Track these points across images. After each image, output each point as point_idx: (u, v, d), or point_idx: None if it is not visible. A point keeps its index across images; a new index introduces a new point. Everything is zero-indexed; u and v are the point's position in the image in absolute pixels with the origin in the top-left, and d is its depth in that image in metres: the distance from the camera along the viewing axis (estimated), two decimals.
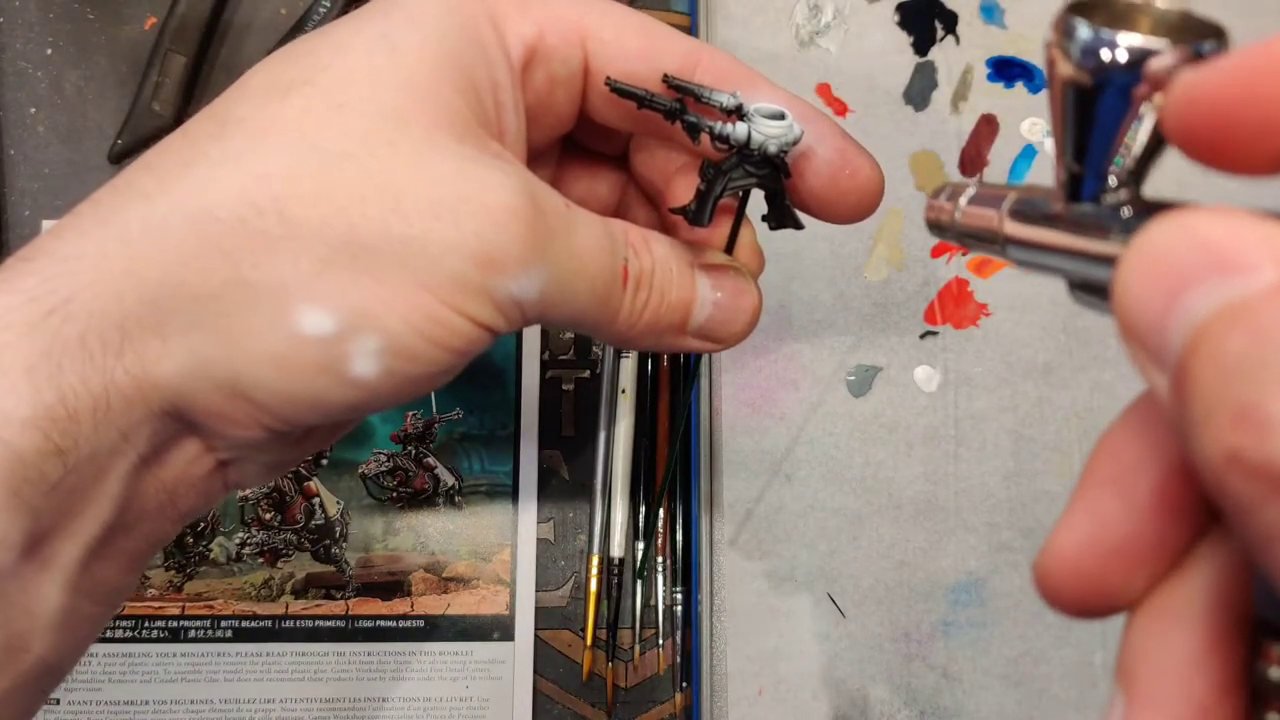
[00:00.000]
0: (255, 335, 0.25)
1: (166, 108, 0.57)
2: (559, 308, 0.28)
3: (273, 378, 0.25)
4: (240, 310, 0.25)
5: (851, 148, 0.32)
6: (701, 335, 0.32)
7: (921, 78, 0.59)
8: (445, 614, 0.55)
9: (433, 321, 0.25)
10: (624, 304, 0.29)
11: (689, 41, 0.31)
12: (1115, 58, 0.20)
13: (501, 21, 0.29)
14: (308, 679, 0.54)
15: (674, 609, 0.55)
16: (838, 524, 0.55)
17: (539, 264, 0.26)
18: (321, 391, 0.25)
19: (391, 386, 0.26)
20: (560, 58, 0.30)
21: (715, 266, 0.32)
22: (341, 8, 0.58)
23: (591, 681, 0.55)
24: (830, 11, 0.59)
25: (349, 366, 0.25)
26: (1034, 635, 0.54)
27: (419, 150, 0.26)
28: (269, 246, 0.25)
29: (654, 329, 0.31)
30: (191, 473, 0.28)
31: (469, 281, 0.25)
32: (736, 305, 0.32)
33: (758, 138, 0.30)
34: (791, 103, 0.31)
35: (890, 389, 0.56)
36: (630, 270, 0.29)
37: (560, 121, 0.32)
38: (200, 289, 0.25)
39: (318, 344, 0.25)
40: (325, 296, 0.25)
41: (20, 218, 0.57)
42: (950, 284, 0.57)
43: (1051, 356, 0.57)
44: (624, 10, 0.31)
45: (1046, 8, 0.59)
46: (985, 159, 0.58)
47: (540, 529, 0.56)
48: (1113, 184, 0.22)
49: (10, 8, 0.58)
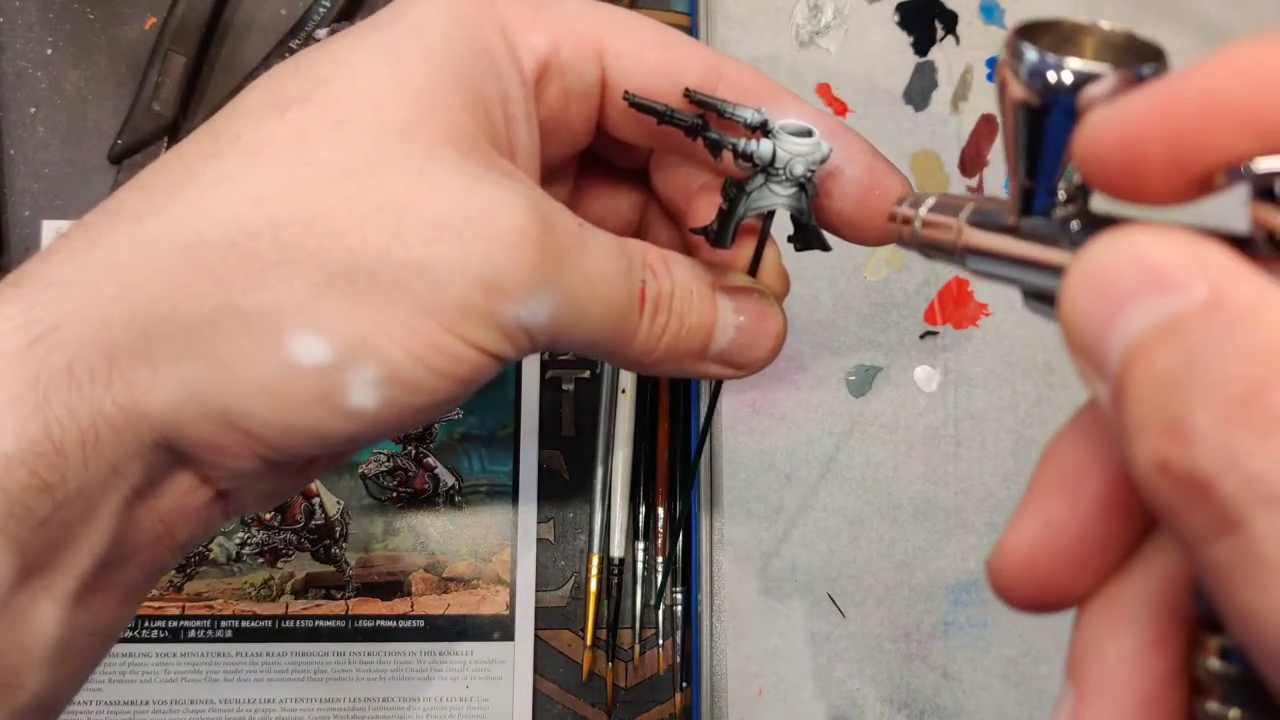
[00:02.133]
0: (248, 364, 0.24)
1: (166, 108, 0.57)
2: (571, 332, 0.27)
3: (267, 408, 0.24)
4: (233, 338, 0.24)
5: (882, 166, 0.31)
6: (723, 361, 0.31)
7: (921, 78, 0.59)
8: (445, 614, 0.55)
9: (435, 350, 0.24)
10: (641, 328, 0.28)
11: (710, 54, 0.30)
12: (1060, 80, 0.21)
13: (513, 33, 0.28)
14: (308, 679, 0.54)
15: (674, 609, 0.55)
16: (838, 524, 0.55)
17: (549, 288, 0.25)
18: (318, 422, 0.24)
19: (392, 416, 0.25)
20: (575, 71, 0.29)
21: (738, 289, 0.31)
22: (342, 8, 0.58)
23: (591, 681, 0.55)
24: (830, 11, 0.59)
25: (346, 397, 0.24)
26: (1034, 635, 0.54)
27: (422, 168, 0.25)
28: (263, 271, 0.24)
29: (673, 354, 0.29)
30: (188, 504, 0.27)
31: (474, 307, 0.24)
32: (760, 329, 0.31)
33: (783, 156, 0.29)
34: (818, 119, 0.30)
35: (890, 389, 0.56)
36: (648, 293, 0.28)
37: (577, 137, 0.31)
38: (192, 316, 0.24)
39: (314, 373, 0.24)
40: (321, 323, 0.24)
41: (20, 218, 0.57)
42: (950, 284, 0.57)
43: (1051, 356, 0.57)
44: (642, 22, 0.30)
45: (1047, 7, 0.59)
46: (985, 159, 0.58)
47: (540, 529, 0.56)
48: (1062, 198, 0.23)
49: (10, 8, 0.58)
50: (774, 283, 0.32)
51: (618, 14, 0.30)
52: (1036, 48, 0.21)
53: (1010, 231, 0.24)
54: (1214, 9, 0.59)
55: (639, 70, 0.29)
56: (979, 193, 0.58)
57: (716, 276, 0.31)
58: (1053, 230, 0.23)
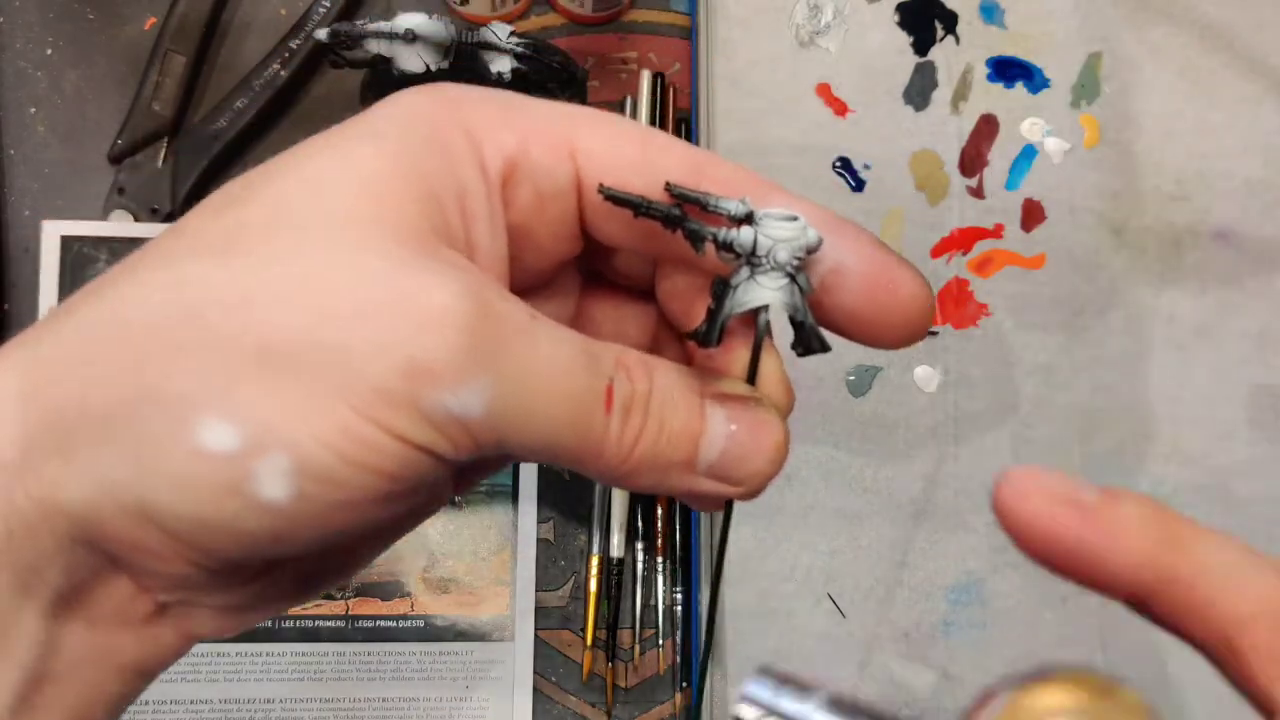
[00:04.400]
0: (159, 452, 0.22)
1: (166, 107, 0.57)
2: (521, 431, 0.25)
3: (178, 500, 0.23)
4: (145, 424, 0.22)
5: (890, 259, 0.28)
6: (715, 475, 0.28)
7: (921, 78, 0.59)
8: (445, 614, 0.55)
9: (350, 438, 0.22)
10: (610, 431, 0.26)
11: (693, 152, 0.29)
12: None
13: (479, 133, 0.27)
14: (307, 679, 0.54)
15: (674, 610, 0.55)
16: (838, 524, 0.55)
17: (482, 376, 0.23)
18: (232, 517, 0.23)
19: (313, 514, 0.23)
20: (546, 171, 0.28)
21: (732, 397, 0.28)
22: (341, 8, 0.58)
23: (591, 681, 0.55)
24: (830, 11, 0.59)
25: (256, 488, 0.22)
26: (1034, 636, 0.54)
27: (352, 253, 0.23)
28: (180, 355, 0.23)
29: (654, 464, 0.27)
30: (127, 616, 0.26)
31: (394, 393, 0.22)
32: (755, 440, 0.28)
33: (765, 242, 0.27)
34: (814, 210, 0.28)
35: (890, 389, 0.56)
36: (617, 392, 0.26)
37: (560, 243, 0.29)
38: (107, 404, 0.23)
39: (222, 461, 0.22)
40: (232, 408, 0.22)
41: (20, 217, 0.57)
42: (950, 283, 0.57)
43: (1051, 357, 0.57)
44: (620, 120, 0.29)
45: (1047, 7, 0.59)
46: (985, 159, 0.58)
47: (540, 529, 0.56)
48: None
49: (10, 8, 0.58)
50: (775, 393, 0.29)
51: (594, 114, 0.29)
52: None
53: None
54: (1214, 9, 0.59)
55: (615, 167, 0.28)
56: (979, 193, 0.58)
57: (709, 384, 0.28)
58: None
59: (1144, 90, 0.59)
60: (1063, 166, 0.58)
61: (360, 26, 0.54)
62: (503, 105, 0.28)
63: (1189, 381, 0.57)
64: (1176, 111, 0.59)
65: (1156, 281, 0.57)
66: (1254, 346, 0.57)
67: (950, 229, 0.58)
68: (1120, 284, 0.57)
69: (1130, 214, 0.58)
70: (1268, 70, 0.59)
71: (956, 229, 0.58)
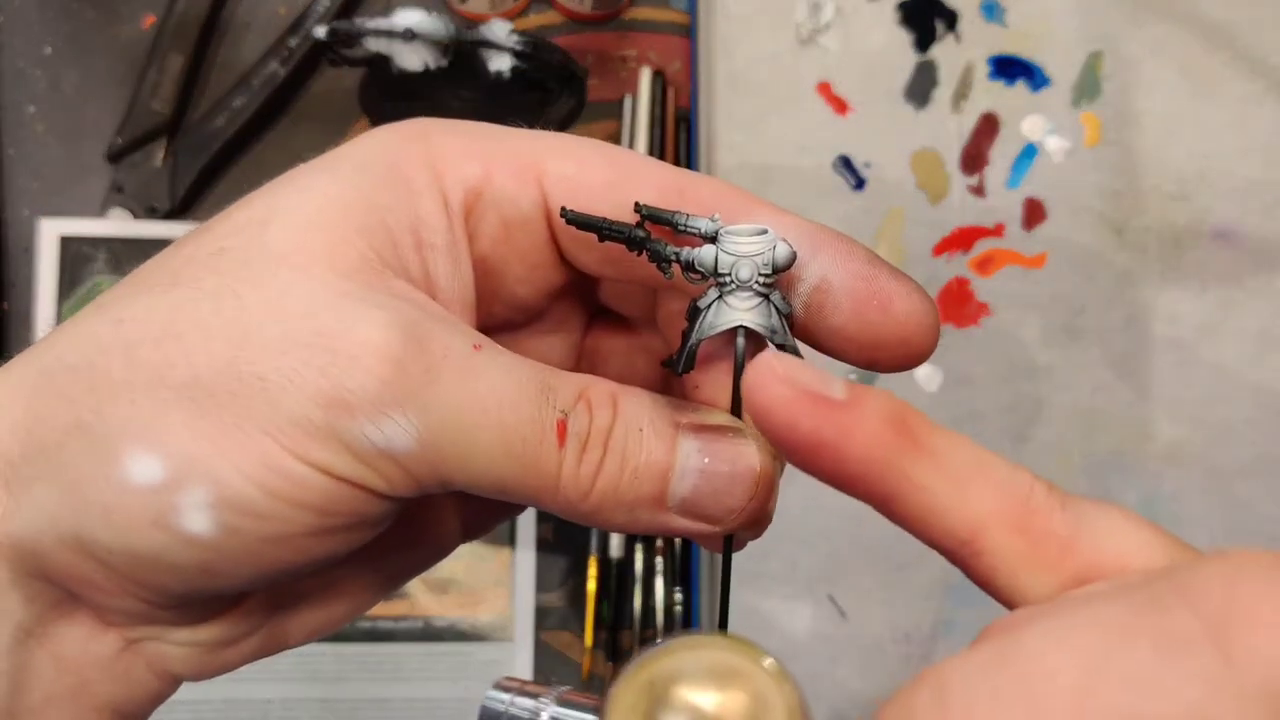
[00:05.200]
0: (90, 485, 0.23)
1: (165, 106, 0.57)
2: (462, 468, 0.24)
3: (108, 533, 0.23)
4: (79, 458, 0.23)
5: (879, 273, 0.26)
6: (688, 512, 0.26)
7: (922, 76, 0.59)
8: (445, 614, 0.55)
9: (272, 470, 0.22)
10: (565, 467, 0.24)
11: (670, 172, 0.27)
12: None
13: (442, 165, 0.26)
14: (307, 679, 0.54)
15: (674, 610, 0.55)
16: (838, 524, 0.55)
17: (409, 409, 0.23)
18: (160, 549, 0.23)
19: (242, 548, 0.23)
20: (509, 198, 0.27)
21: (709, 428, 0.26)
22: (340, 7, 0.58)
23: (591, 682, 0.55)
24: (831, 10, 0.59)
25: (180, 520, 0.22)
26: None
27: (288, 287, 0.23)
28: (111, 389, 0.23)
29: (618, 501, 0.25)
30: (95, 651, 0.26)
31: (314, 425, 0.22)
32: (730, 474, 0.25)
33: (726, 259, 0.25)
34: (798, 225, 0.26)
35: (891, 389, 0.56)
36: (571, 426, 0.24)
37: (537, 272, 0.28)
38: (45, 439, 0.23)
39: (147, 494, 0.22)
40: (154, 440, 0.22)
41: (19, 216, 0.57)
42: (951, 283, 0.57)
43: (1053, 357, 0.57)
44: (593, 144, 0.27)
45: (1048, 6, 0.59)
46: (986, 158, 0.58)
47: (540, 529, 0.56)
48: None
49: (10, 7, 0.58)
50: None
51: (566, 140, 0.28)
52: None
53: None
54: (1214, 9, 0.59)
55: (583, 189, 0.27)
56: (980, 192, 0.58)
57: (685, 414, 0.26)
58: None
59: (1144, 90, 0.59)
60: (1064, 165, 0.58)
61: (359, 24, 0.54)
62: (470, 135, 0.27)
63: (1189, 381, 0.57)
64: (1177, 111, 0.59)
65: (1157, 281, 0.57)
66: (1254, 346, 0.57)
67: (951, 228, 0.57)
68: (1121, 283, 0.57)
69: (1131, 213, 0.58)
70: (1268, 70, 0.59)
71: (957, 228, 0.57)
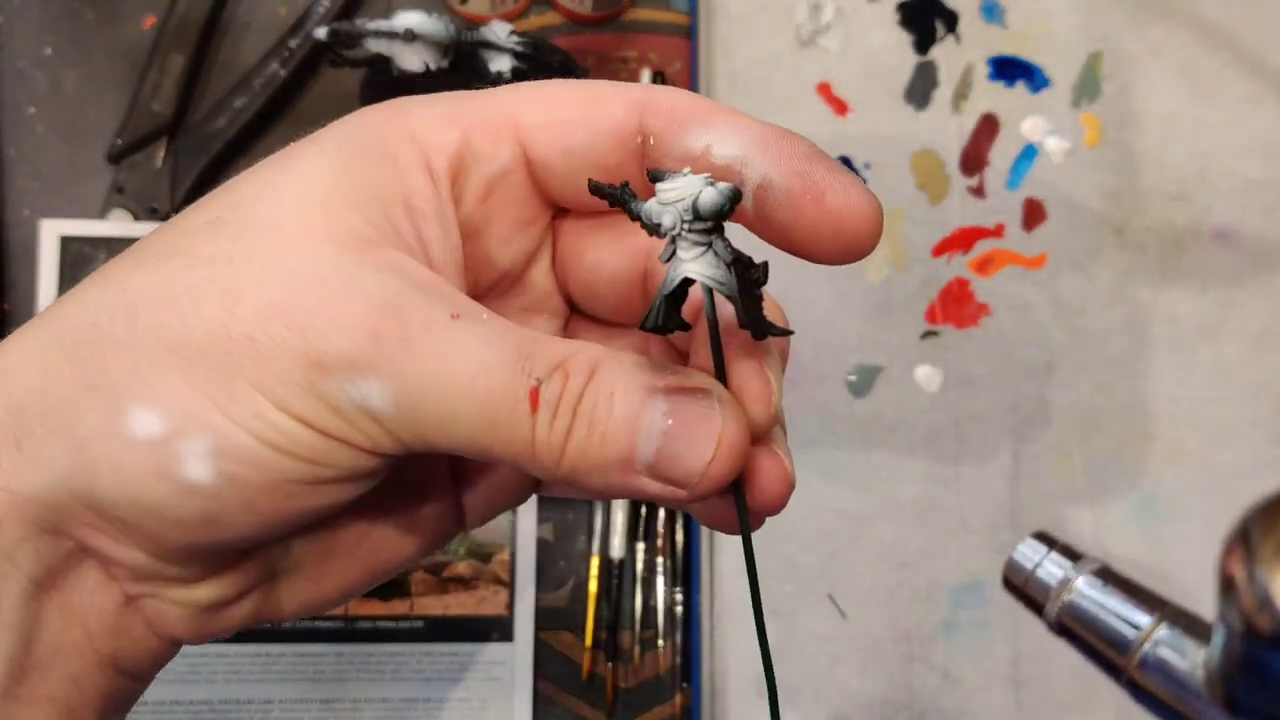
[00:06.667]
0: (97, 442, 0.24)
1: (165, 107, 0.57)
2: (441, 431, 0.25)
3: (114, 487, 0.25)
4: (84, 415, 0.24)
5: (816, 169, 0.27)
6: (657, 475, 0.26)
7: (922, 77, 0.59)
8: (445, 615, 0.55)
9: (263, 422, 0.24)
10: (538, 432, 0.25)
11: (631, 88, 0.28)
12: None
13: (424, 136, 0.28)
14: (307, 679, 0.54)
15: (674, 610, 0.55)
16: (839, 525, 0.55)
17: (384, 372, 0.24)
18: (162, 500, 0.25)
19: (240, 497, 0.25)
20: (488, 156, 0.28)
21: (680, 390, 0.26)
22: (341, 7, 0.58)
23: (591, 682, 0.55)
24: (831, 11, 0.59)
25: (182, 469, 0.24)
26: (1035, 636, 0.54)
27: (279, 257, 0.25)
28: (114, 350, 0.25)
29: (590, 464, 0.25)
30: (99, 604, 0.27)
31: (295, 381, 0.24)
32: (690, 435, 0.25)
33: (653, 208, 0.24)
34: (755, 127, 0.27)
35: (891, 389, 0.56)
36: (544, 392, 0.25)
37: (521, 230, 0.29)
38: (54, 399, 0.25)
39: (150, 447, 0.24)
40: (156, 397, 0.24)
41: (20, 217, 0.57)
42: (951, 283, 0.57)
43: (1053, 357, 0.57)
44: (561, 84, 0.29)
45: (1048, 6, 0.59)
46: (986, 158, 0.58)
47: (540, 529, 0.56)
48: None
49: (10, 7, 0.58)
50: (749, 386, 0.28)
51: (536, 87, 0.29)
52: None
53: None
54: (1214, 9, 0.59)
55: (560, 132, 0.28)
56: (980, 192, 0.58)
57: (665, 377, 0.26)
58: None
59: (1144, 90, 0.59)
60: (1063, 166, 0.58)
61: (359, 25, 0.54)
62: (445, 103, 0.28)
63: (1189, 381, 0.57)
64: (1176, 111, 0.59)
65: (1157, 281, 0.57)
66: (1254, 346, 0.57)
67: (951, 229, 0.58)
68: (1121, 284, 0.57)
69: (1131, 214, 0.58)
70: (1268, 70, 0.59)
71: (957, 228, 0.58)
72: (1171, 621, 0.25)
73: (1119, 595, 0.26)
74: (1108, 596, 0.26)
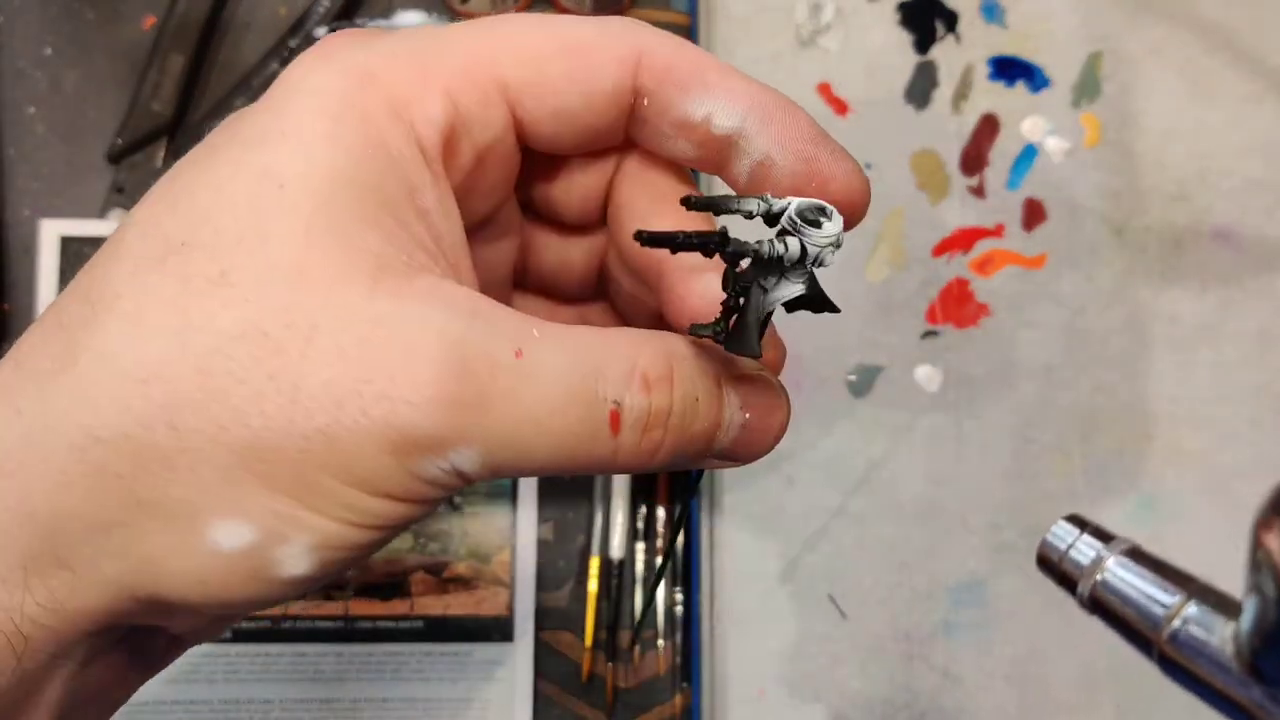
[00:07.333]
0: (171, 558, 0.23)
1: (165, 107, 0.57)
2: (518, 467, 0.24)
3: (200, 594, 0.24)
4: (150, 535, 0.23)
5: (822, 154, 0.27)
6: (723, 456, 0.27)
7: (922, 77, 0.59)
8: (445, 615, 0.55)
9: (354, 511, 0.23)
10: (622, 447, 0.25)
11: (624, 40, 0.27)
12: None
13: (404, 106, 0.25)
14: (307, 679, 0.54)
15: (674, 610, 0.55)
16: (839, 525, 0.55)
17: (470, 439, 0.23)
18: (258, 594, 0.24)
19: (337, 568, 0.24)
20: (480, 124, 0.26)
21: (745, 379, 0.27)
22: (340, 7, 0.58)
23: (591, 682, 0.55)
24: (831, 11, 0.59)
25: (281, 570, 0.24)
26: (1036, 636, 0.54)
27: (318, 319, 0.23)
28: (164, 463, 0.22)
29: (674, 462, 0.26)
30: (143, 650, 0.27)
31: (387, 469, 0.23)
32: (765, 426, 0.27)
33: (813, 250, 0.26)
34: (755, 95, 0.27)
35: (891, 389, 0.56)
36: (629, 411, 0.25)
37: (501, 186, 0.29)
38: (98, 518, 0.23)
39: (241, 556, 0.23)
40: (237, 508, 0.23)
41: (20, 217, 0.57)
42: (951, 283, 0.57)
43: (1053, 357, 0.57)
44: (536, 27, 0.27)
45: (1048, 6, 0.59)
46: (986, 158, 0.58)
47: (540, 529, 0.56)
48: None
49: (10, 7, 0.58)
50: (772, 357, 0.29)
51: (511, 30, 0.27)
52: None
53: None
54: (1214, 9, 0.59)
55: (550, 95, 0.26)
56: (980, 192, 0.58)
57: (724, 367, 0.27)
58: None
59: (1144, 90, 0.59)
60: (1063, 166, 0.58)
61: (359, 25, 0.54)
62: (418, 58, 0.26)
63: (1189, 381, 0.57)
64: (1176, 111, 0.59)
65: (1157, 281, 0.57)
66: (1254, 346, 0.57)
67: (951, 228, 0.58)
68: (1121, 284, 0.57)
69: (1131, 214, 0.58)
70: (1268, 70, 0.59)
71: (957, 228, 0.58)
72: (1200, 598, 0.26)
73: (1149, 574, 0.27)
74: (1138, 575, 0.27)
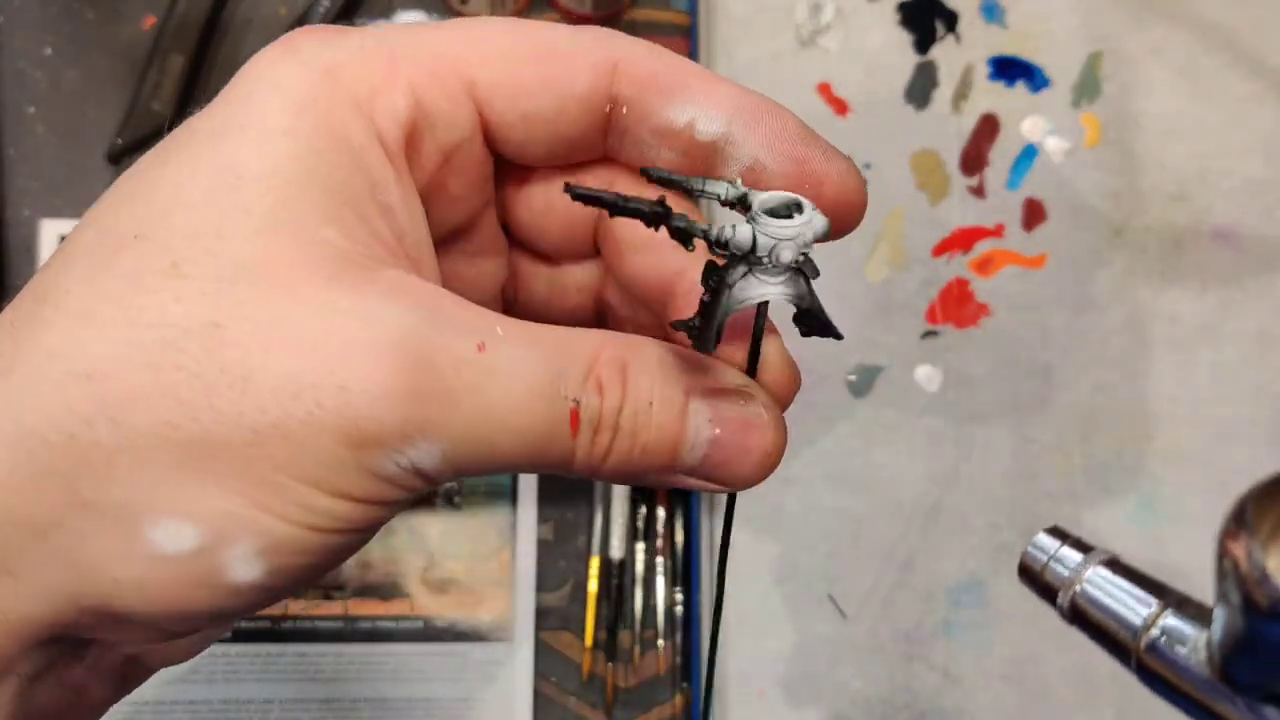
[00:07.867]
0: (112, 563, 0.22)
1: (165, 107, 0.57)
2: (481, 464, 0.24)
3: (143, 602, 0.22)
4: (89, 539, 0.22)
5: (813, 155, 0.26)
6: (699, 476, 0.26)
7: (922, 77, 0.59)
8: (444, 615, 0.55)
9: (312, 511, 0.22)
10: (579, 448, 0.24)
11: (599, 47, 0.26)
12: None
13: (367, 100, 0.24)
14: (307, 679, 0.54)
15: (674, 610, 0.55)
16: (839, 525, 0.55)
17: (430, 433, 0.22)
18: (205, 603, 0.22)
19: (290, 578, 0.23)
20: (445, 121, 0.25)
21: (722, 393, 0.25)
22: (340, 8, 0.58)
23: (591, 682, 0.55)
24: (831, 11, 0.59)
25: (227, 576, 0.22)
26: (1035, 636, 0.54)
27: (273, 314, 0.22)
28: (105, 461, 0.21)
29: (628, 472, 0.25)
30: (99, 668, 0.26)
31: (343, 464, 0.22)
32: (740, 444, 0.25)
33: (765, 242, 0.24)
34: (739, 98, 0.26)
35: (891, 389, 0.56)
36: (582, 414, 0.24)
37: (472, 188, 0.28)
38: (40, 520, 0.22)
39: (184, 560, 0.22)
40: (180, 508, 0.21)
41: (20, 217, 0.57)
42: (951, 283, 0.57)
43: (1053, 357, 0.57)
44: (507, 30, 0.26)
45: (1048, 6, 0.59)
46: (986, 158, 0.58)
47: (540, 529, 0.56)
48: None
49: (10, 7, 0.58)
50: (776, 379, 0.26)
51: (482, 32, 0.26)
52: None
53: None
54: (1214, 9, 0.59)
55: (521, 96, 0.25)
56: (980, 192, 0.58)
57: (698, 377, 0.25)
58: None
59: (1144, 90, 0.59)
60: (1063, 166, 0.58)
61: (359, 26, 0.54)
62: (384, 53, 0.25)
63: (1189, 381, 0.57)
64: (1176, 111, 0.59)
65: (1157, 281, 0.57)
66: (1254, 346, 0.57)
67: (951, 229, 0.58)
68: (1121, 284, 0.57)
69: (1131, 214, 0.58)
70: (1268, 70, 0.59)
71: (957, 229, 0.58)
72: (1176, 607, 0.26)
73: (1127, 584, 0.27)
74: (1117, 585, 0.27)
